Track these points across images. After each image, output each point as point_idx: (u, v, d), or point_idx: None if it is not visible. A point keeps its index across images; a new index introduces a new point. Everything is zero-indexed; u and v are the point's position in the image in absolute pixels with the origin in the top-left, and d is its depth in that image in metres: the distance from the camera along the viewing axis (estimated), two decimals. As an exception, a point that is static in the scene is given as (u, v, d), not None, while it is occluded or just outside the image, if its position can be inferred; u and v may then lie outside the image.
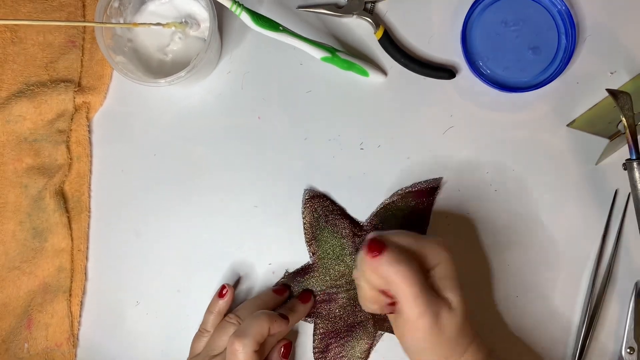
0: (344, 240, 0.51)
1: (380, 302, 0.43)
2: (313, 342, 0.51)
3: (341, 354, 0.50)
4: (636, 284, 0.50)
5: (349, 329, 0.50)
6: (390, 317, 0.45)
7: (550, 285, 0.51)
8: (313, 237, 0.52)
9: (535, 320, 0.51)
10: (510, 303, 0.51)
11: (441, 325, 0.41)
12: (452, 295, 0.42)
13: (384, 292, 0.42)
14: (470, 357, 0.43)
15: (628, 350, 0.49)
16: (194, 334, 0.50)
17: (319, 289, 0.51)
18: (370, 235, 0.41)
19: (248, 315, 0.47)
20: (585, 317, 0.50)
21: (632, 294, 0.50)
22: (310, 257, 0.52)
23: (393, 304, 0.42)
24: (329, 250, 0.51)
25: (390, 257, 0.40)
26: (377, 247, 0.40)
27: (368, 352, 0.50)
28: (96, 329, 0.53)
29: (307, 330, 0.51)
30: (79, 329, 0.52)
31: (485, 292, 0.51)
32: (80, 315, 0.52)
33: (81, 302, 0.53)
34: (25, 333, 0.51)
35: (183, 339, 0.51)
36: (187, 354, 0.50)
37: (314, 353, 0.51)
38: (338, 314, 0.51)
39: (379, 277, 0.41)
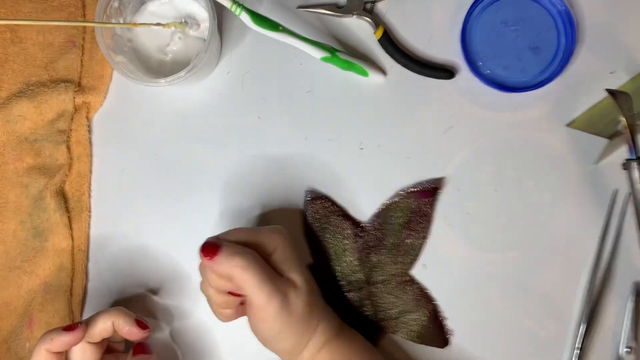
0: (346, 241, 0.51)
1: (231, 305, 0.44)
2: None
3: None
4: (635, 283, 0.50)
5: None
6: (248, 316, 0.45)
7: (550, 285, 0.51)
8: (315, 239, 0.52)
9: (534, 319, 0.51)
10: (510, 303, 0.51)
11: (290, 305, 0.42)
12: (294, 275, 0.43)
13: (232, 293, 0.43)
14: (320, 335, 0.44)
15: (627, 349, 0.49)
16: (193, 334, 0.50)
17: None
18: (205, 240, 0.42)
19: None
20: (584, 316, 0.50)
21: (631, 293, 0.50)
22: (312, 258, 0.52)
23: (243, 302, 0.43)
24: (331, 251, 0.51)
25: (226, 253, 0.41)
26: (212, 248, 0.41)
27: None
28: (97, 328, 0.53)
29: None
30: (79, 329, 0.53)
31: (485, 292, 0.51)
32: (81, 315, 0.53)
33: (82, 301, 0.53)
34: (27, 332, 0.52)
35: (183, 339, 0.51)
36: (186, 357, 0.50)
37: None
38: (339, 314, 0.51)
39: (222, 278, 0.42)
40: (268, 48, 0.54)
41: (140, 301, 0.53)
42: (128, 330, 0.46)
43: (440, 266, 0.51)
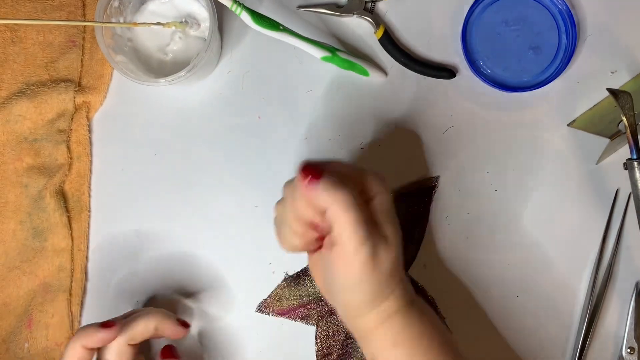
0: None
1: (307, 237, 0.40)
2: (316, 345, 0.51)
3: (344, 356, 0.50)
4: (637, 283, 0.50)
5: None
6: (313, 256, 0.42)
7: (550, 285, 0.51)
8: None
9: (535, 319, 0.51)
10: (510, 303, 0.51)
11: (377, 258, 0.38)
12: (388, 229, 0.39)
13: (314, 225, 0.39)
14: (394, 301, 0.40)
15: (628, 350, 0.49)
16: (193, 334, 0.50)
17: (320, 291, 0.51)
18: (303, 161, 0.38)
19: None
20: (585, 316, 0.50)
21: (633, 293, 0.50)
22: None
23: (321, 238, 0.40)
24: None
25: (328, 183, 0.36)
26: (314, 172, 0.37)
27: None
28: (96, 328, 0.53)
29: (309, 334, 0.51)
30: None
31: (486, 292, 0.51)
32: (80, 315, 0.52)
33: (81, 302, 0.53)
34: (26, 332, 0.51)
35: (183, 339, 0.51)
36: (186, 354, 0.50)
37: (317, 356, 0.51)
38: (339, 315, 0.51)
39: (311, 207, 0.38)
40: (268, 48, 0.54)
41: (140, 301, 0.53)
42: (173, 330, 0.45)
43: (440, 266, 0.51)
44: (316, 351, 0.51)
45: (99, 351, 0.45)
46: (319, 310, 0.51)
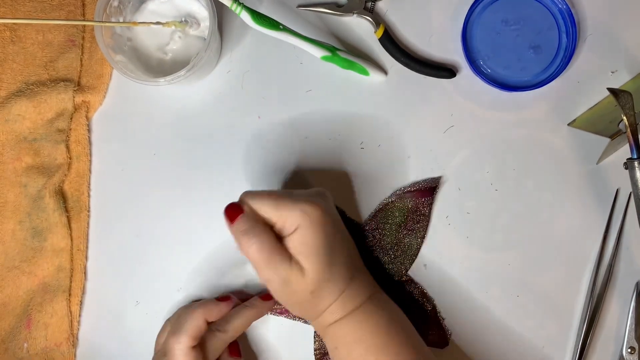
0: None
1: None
2: (314, 344, 0.51)
3: None
4: (637, 283, 0.50)
5: None
6: None
7: (551, 285, 0.51)
8: None
9: (536, 319, 0.50)
10: (511, 303, 0.51)
11: (291, 288, 0.42)
12: (305, 262, 0.42)
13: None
14: (332, 311, 0.44)
15: (629, 350, 0.49)
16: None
17: None
18: (230, 203, 0.43)
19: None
20: (585, 317, 0.49)
21: (633, 293, 0.50)
22: None
23: None
24: None
25: (240, 226, 0.42)
26: (234, 211, 0.43)
27: None
28: (96, 328, 0.53)
29: (308, 333, 0.51)
30: (78, 329, 0.52)
31: (486, 292, 0.51)
32: (79, 315, 0.52)
33: (81, 301, 0.52)
34: (25, 333, 0.51)
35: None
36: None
37: (315, 355, 0.51)
38: None
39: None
40: (268, 47, 0.54)
41: (141, 301, 0.53)
42: (219, 311, 0.47)
43: (440, 266, 0.51)
44: (314, 350, 0.51)
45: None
46: None
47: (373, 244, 0.51)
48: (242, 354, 0.49)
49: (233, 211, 0.43)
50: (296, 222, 0.42)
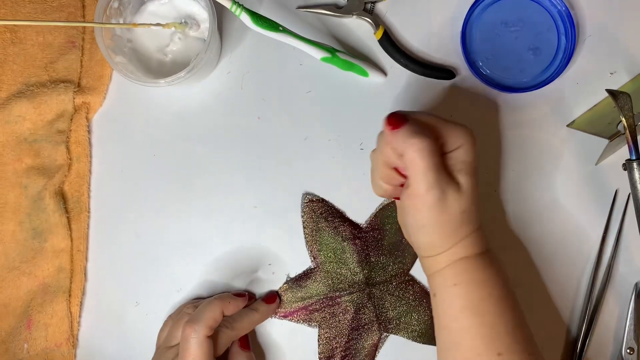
0: (345, 243, 0.51)
1: (392, 182, 0.43)
2: (318, 348, 0.51)
3: (346, 358, 0.50)
4: (636, 284, 0.50)
5: (353, 332, 0.50)
6: (398, 203, 0.44)
7: (550, 285, 0.51)
8: (313, 242, 0.51)
9: (535, 320, 0.50)
10: (510, 303, 0.51)
11: (446, 204, 0.40)
12: (463, 179, 0.41)
13: (397, 170, 0.42)
14: (465, 246, 0.42)
15: (628, 350, 0.49)
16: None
17: (321, 293, 0.51)
18: (394, 111, 0.41)
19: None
20: (584, 317, 0.50)
21: (632, 294, 0.50)
22: (312, 261, 0.52)
23: (403, 184, 0.42)
24: (330, 253, 0.51)
25: (408, 130, 0.40)
26: (398, 120, 0.40)
27: (373, 354, 0.50)
28: (96, 329, 0.53)
29: (312, 336, 0.51)
30: (78, 330, 0.52)
31: (485, 293, 0.51)
32: (80, 316, 0.52)
33: (81, 302, 0.52)
34: (25, 333, 0.51)
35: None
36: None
37: (319, 358, 0.51)
38: (342, 317, 0.51)
39: (395, 153, 0.41)
40: (268, 48, 0.54)
41: (141, 302, 0.53)
42: (235, 306, 0.48)
43: (440, 267, 0.51)
44: (318, 353, 0.51)
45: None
46: (320, 312, 0.51)
47: (373, 245, 0.51)
48: (250, 347, 0.50)
49: (398, 118, 0.40)
50: (460, 139, 0.42)
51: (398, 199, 0.44)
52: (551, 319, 0.50)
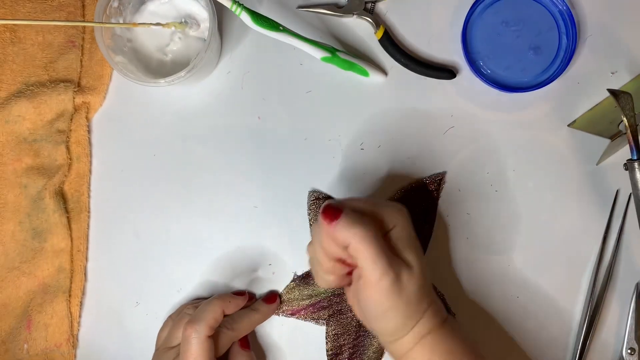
0: None
1: (337, 273, 0.42)
2: (326, 345, 0.51)
3: (354, 355, 0.50)
4: (637, 284, 0.50)
5: (360, 329, 0.50)
6: (348, 290, 0.44)
7: (551, 286, 0.51)
8: None
9: (536, 320, 0.50)
10: (511, 304, 0.51)
11: (401, 285, 0.40)
12: (410, 256, 0.41)
13: (342, 261, 0.42)
14: (426, 322, 0.42)
15: (629, 351, 0.49)
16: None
17: (328, 290, 0.51)
18: (325, 202, 0.41)
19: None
20: (585, 317, 0.49)
21: (633, 294, 0.50)
22: None
23: (350, 272, 0.42)
24: None
25: (347, 221, 0.39)
26: (333, 212, 0.40)
27: (382, 351, 0.50)
28: (96, 329, 0.53)
29: (312, 335, 0.51)
30: (78, 330, 0.52)
31: (486, 293, 0.51)
32: (80, 316, 0.52)
33: (81, 302, 0.52)
34: (25, 334, 0.51)
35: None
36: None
37: (328, 355, 0.51)
38: (349, 314, 0.50)
39: (337, 245, 0.40)
40: (268, 48, 0.54)
41: (141, 302, 0.53)
42: (235, 305, 0.48)
43: (440, 266, 0.51)
44: (327, 350, 0.51)
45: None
46: (328, 309, 0.51)
47: None
48: (250, 346, 0.50)
49: (333, 210, 0.40)
50: (395, 218, 0.42)
51: (347, 286, 0.43)
52: (552, 319, 0.50)
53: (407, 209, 0.43)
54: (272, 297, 0.51)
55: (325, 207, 0.40)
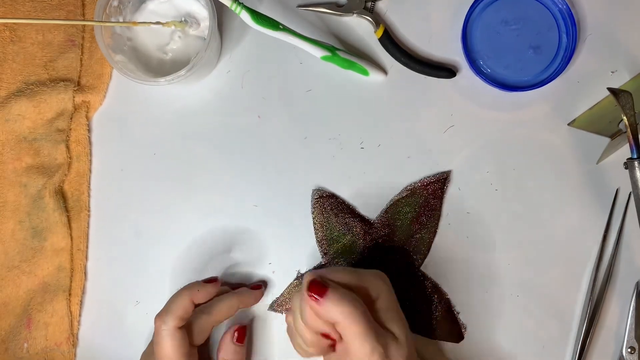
0: (355, 239, 0.51)
1: (321, 346, 0.41)
2: None
3: None
4: (637, 283, 0.50)
5: None
6: (331, 357, 0.43)
7: (551, 285, 0.51)
8: (324, 237, 0.51)
9: (536, 320, 0.50)
10: (511, 303, 0.51)
11: (390, 358, 0.39)
12: (395, 327, 0.41)
13: (325, 335, 0.41)
14: None
15: (629, 350, 0.49)
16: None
17: None
18: (307, 276, 0.40)
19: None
20: (585, 316, 0.49)
21: (633, 293, 0.50)
22: (322, 257, 0.52)
23: (333, 345, 0.41)
24: (340, 249, 0.51)
25: (335, 298, 0.38)
26: (319, 289, 0.39)
27: None
28: (96, 328, 0.53)
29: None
30: (78, 329, 0.52)
31: (485, 292, 0.51)
32: (80, 315, 0.52)
33: (81, 301, 0.52)
34: (25, 332, 0.51)
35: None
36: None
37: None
38: None
39: (321, 320, 0.40)
40: (268, 47, 0.54)
41: (141, 301, 0.53)
42: (253, 299, 0.49)
43: (440, 266, 0.51)
44: None
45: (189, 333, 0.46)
46: None
47: (384, 240, 0.51)
48: (245, 341, 0.49)
49: (319, 286, 0.39)
50: (378, 287, 0.41)
51: (327, 353, 0.42)
52: (552, 319, 0.50)
53: (411, 211, 0.42)
54: (257, 285, 0.51)
55: (311, 284, 0.39)
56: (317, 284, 0.39)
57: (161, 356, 0.44)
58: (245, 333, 0.49)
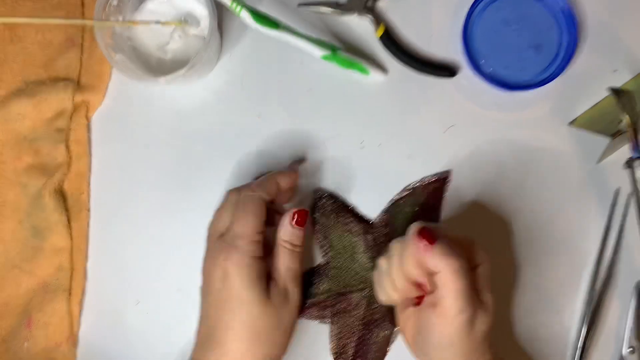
0: (356, 239, 0.51)
1: (408, 294, 0.42)
2: (330, 344, 0.51)
3: (358, 354, 0.50)
4: (637, 283, 0.50)
5: (364, 328, 0.50)
6: (405, 311, 0.44)
7: (551, 285, 0.51)
8: (324, 237, 0.51)
9: (536, 320, 0.50)
10: (511, 302, 0.51)
11: (474, 325, 0.40)
12: (487, 297, 0.42)
13: (418, 284, 0.41)
14: None
15: (629, 349, 0.49)
16: (194, 334, 0.50)
17: (333, 289, 0.51)
18: (418, 224, 0.40)
19: None
20: (585, 316, 0.49)
21: (633, 293, 0.50)
22: (322, 257, 0.52)
23: (416, 299, 0.42)
24: (341, 249, 0.51)
25: (443, 249, 0.39)
26: (429, 236, 0.39)
27: (385, 349, 0.50)
28: (96, 328, 0.53)
29: (324, 332, 0.51)
30: (79, 329, 0.52)
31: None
32: (80, 315, 0.52)
33: (81, 301, 0.52)
34: (25, 332, 0.51)
35: (183, 339, 0.51)
36: (188, 353, 0.50)
37: (332, 354, 0.51)
38: (353, 313, 0.50)
39: (420, 268, 0.40)
40: (268, 47, 0.54)
41: (141, 301, 0.53)
42: (290, 178, 0.48)
43: (441, 266, 0.51)
44: (330, 349, 0.51)
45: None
46: (332, 308, 0.51)
47: (384, 240, 0.51)
48: (305, 225, 0.46)
49: (430, 235, 0.39)
50: (484, 256, 0.43)
51: (405, 307, 0.43)
52: (552, 319, 0.50)
53: (411, 211, 0.42)
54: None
55: (422, 230, 0.40)
56: (428, 232, 0.40)
57: (245, 221, 0.43)
58: (305, 217, 0.46)
